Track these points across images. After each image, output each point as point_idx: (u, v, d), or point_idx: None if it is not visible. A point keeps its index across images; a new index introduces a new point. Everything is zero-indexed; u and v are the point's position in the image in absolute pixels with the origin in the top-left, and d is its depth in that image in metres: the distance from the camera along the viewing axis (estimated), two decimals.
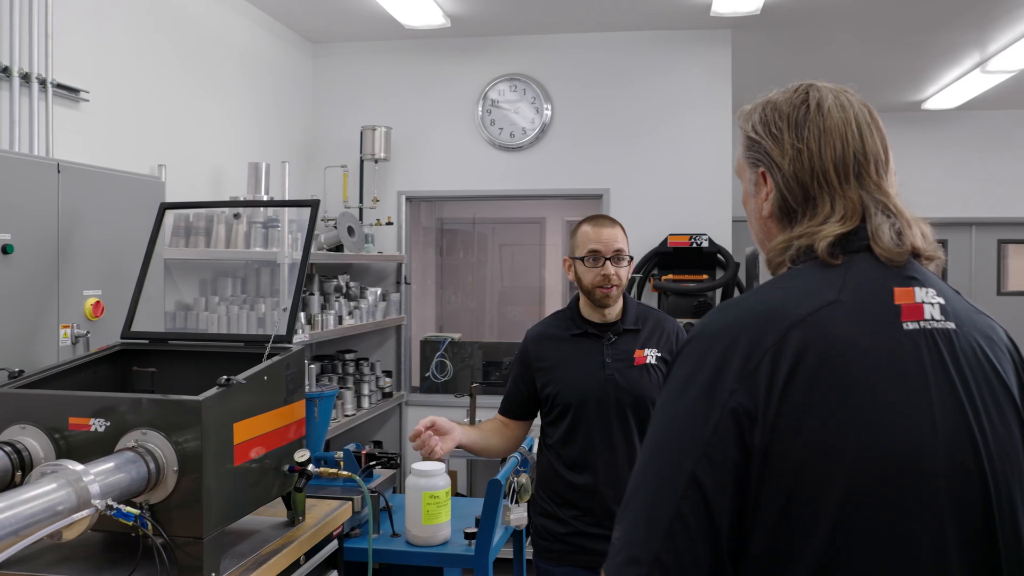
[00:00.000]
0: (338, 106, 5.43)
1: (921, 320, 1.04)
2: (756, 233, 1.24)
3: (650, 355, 2.48)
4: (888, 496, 0.96)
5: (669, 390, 1.06)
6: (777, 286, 1.09)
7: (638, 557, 0.97)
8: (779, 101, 1.18)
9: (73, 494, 1.60)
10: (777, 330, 1.00)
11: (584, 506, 2.44)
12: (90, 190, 2.76)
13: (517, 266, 8.35)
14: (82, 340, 2.71)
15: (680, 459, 0.98)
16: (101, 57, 3.45)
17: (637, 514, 1.00)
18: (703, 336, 1.06)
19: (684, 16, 4.93)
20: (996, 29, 5.20)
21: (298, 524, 2.34)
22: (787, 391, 0.97)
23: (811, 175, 1.13)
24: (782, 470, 0.96)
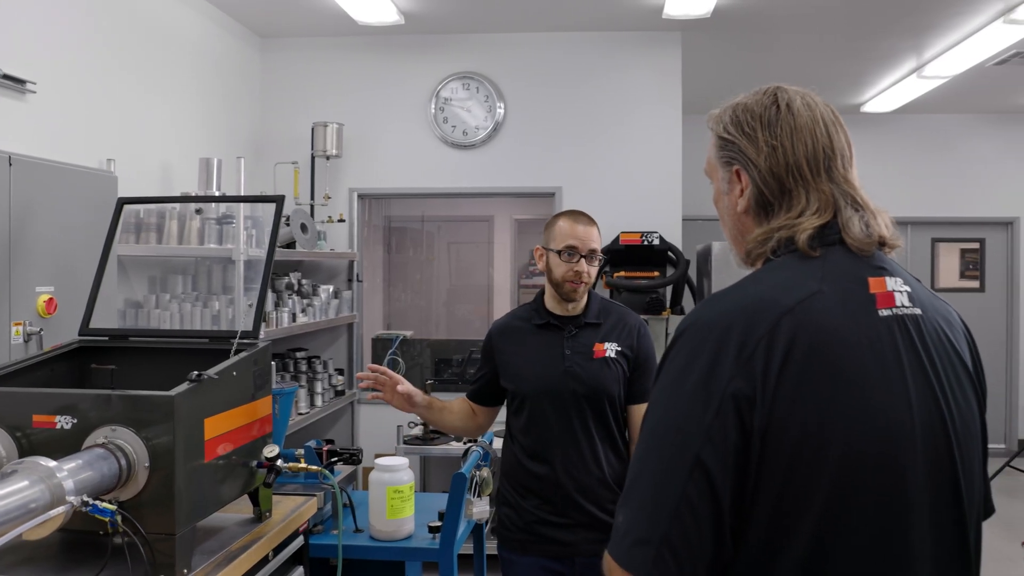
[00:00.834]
0: (288, 102, 5.37)
1: (893, 307, 1.12)
2: (729, 229, 1.29)
3: (610, 349, 2.52)
4: (874, 470, 1.03)
5: (666, 380, 1.10)
6: (761, 279, 1.15)
7: (646, 538, 1.01)
8: (749, 103, 1.24)
9: (47, 491, 1.57)
10: (768, 320, 1.05)
11: (545, 495, 2.49)
12: (42, 184, 2.70)
13: (466, 264, 8.36)
14: (35, 338, 2.65)
15: (685, 443, 1.02)
16: (48, 48, 3.36)
17: (643, 498, 1.04)
18: (696, 328, 1.10)
19: (636, 18, 5.01)
20: (932, 36, 5.41)
21: (265, 520, 2.32)
22: (782, 376, 1.02)
23: (786, 170, 1.18)
24: (780, 450, 1.01)
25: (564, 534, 2.47)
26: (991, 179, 7.92)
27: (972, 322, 5.46)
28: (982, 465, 1.20)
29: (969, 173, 7.91)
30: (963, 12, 4.92)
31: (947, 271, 8.16)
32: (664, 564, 1.00)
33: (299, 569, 2.51)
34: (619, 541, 1.04)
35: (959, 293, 8.05)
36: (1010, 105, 7.48)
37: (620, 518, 1.06)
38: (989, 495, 1.25)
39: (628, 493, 1.07)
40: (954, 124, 7.88)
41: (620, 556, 1.03)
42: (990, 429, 5.72)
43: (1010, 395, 7.99)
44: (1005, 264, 8.06)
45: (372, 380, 2.62)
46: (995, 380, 8.02)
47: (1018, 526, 5.70)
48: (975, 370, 1.21)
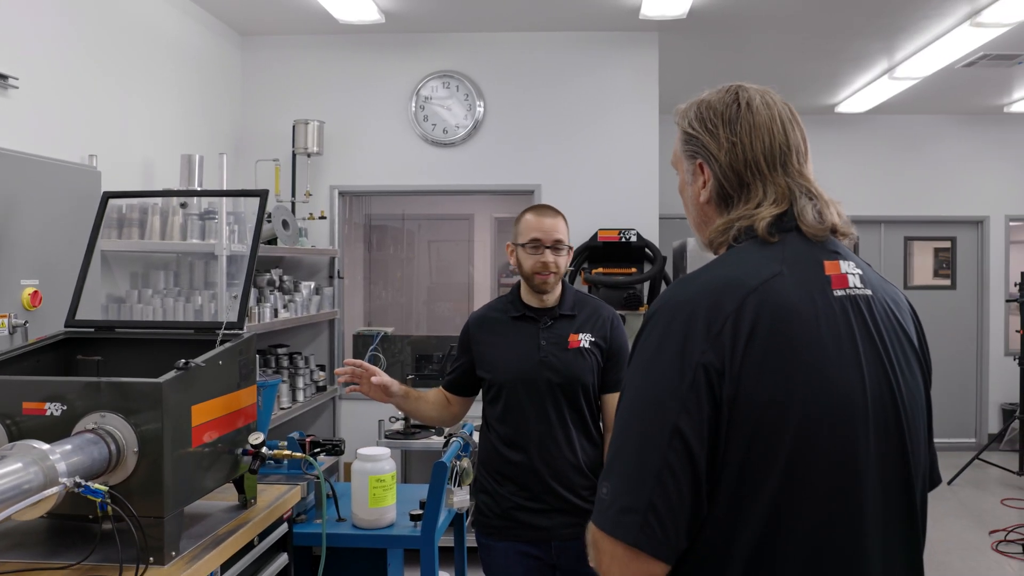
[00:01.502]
0: (269, 99, 5.41)
1: (847, 288, 1.21)
2: (693, 218, 1.38)
3: (584, 339, 2.60)
4: (829, 436, 1.13)
5: (640, 358, 1.17)
6: (726, 263, 1.23)
7: (632, 506, 1.08)
8: (712, 100, 1.33)
9: (40, 472, 1.62)
10: (735, 298, 1.14)
11: (521, 482, 2.58)
12: (26, 178, 2.73)
13: (446, 262, 8.42)
14: (20, 330, 2.68)
15: (663, 414, 1.10)
16: (29, 43, 3.38)
17: (626, 468, 1.11)
18: (667, 308, 1.18)
19: (614, 18, 5.09)
20: (903, 38, 5.53)
21: (250, 507, 2.37)
22: (748, 350, 1.11)
23: (744, 165, 1.27)
24: (746, 417, 1.10)
25: (540, 519, 2.55)
26: (962, 179, 8.09)
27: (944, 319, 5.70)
28: (927, 435, 1.29)
29: (941, 173, 8.07)
30: (931, 15, 5.04)
31: (921, 269, 8.32)
32: (650, 529, 1.07)
33: (283, 556, 2.56)
34: (604, 511, 1.11)
35: (932, 291, 8.21)
36: (979, 106, 7.64)
37: (604, 489, 1.12)
38: (935, 465, 1.33)
39: (610, 465, 1.13)
40: (926, 124, 8.03)
41: (606, 524, 1.10)
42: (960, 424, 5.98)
43: (980, 390, 8.15)
44: (976, 262, 8.23)
45: (349, 373, 2.69)
46: (965, 375, 8.19)
47: (986, 518, 5.84)
48: (920, 347, 1.30)
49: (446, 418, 2.86)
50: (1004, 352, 8.08)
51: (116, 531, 1.84)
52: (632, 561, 1.09)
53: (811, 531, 1.13)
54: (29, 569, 1.91)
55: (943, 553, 5.10)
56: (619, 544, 1.09)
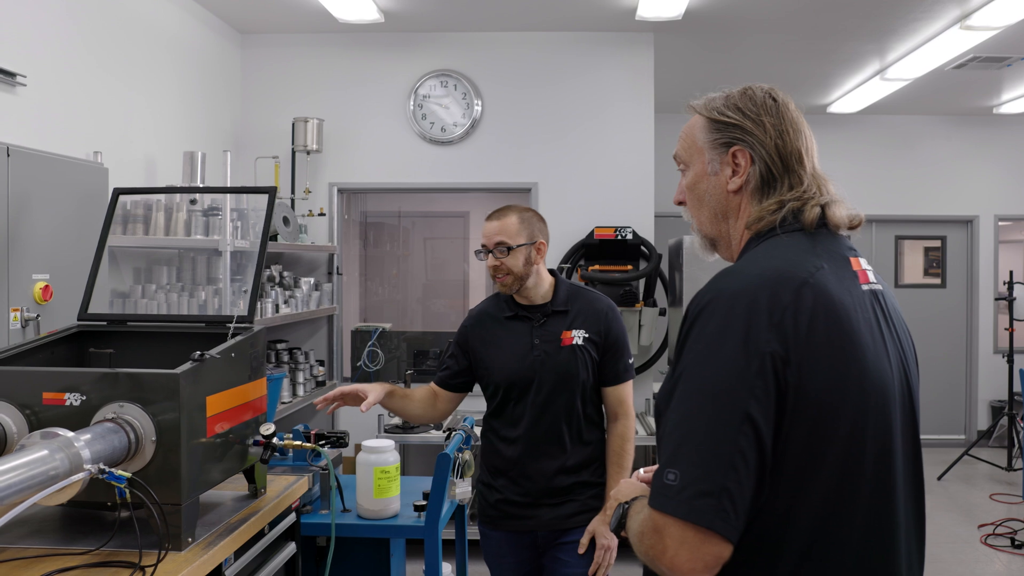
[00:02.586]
0: (268, 97, 5.45)
1: (869, 283, 1.30)
2: (711, 208, 1.40)
3: (577, 336, 2.60)
4: (874, 421, 1.22)
5: (699, 347, 1.19)
6: (772, 255, 1.27)
7: (707, 490, 1.12)
8: (742, 94, 1.38)
9: (65, 459, 1.67)
10: (790, 288, 1.19)
11: (511, 477, 2.65)
12: (37, 174, 2.78)
13: (441, 260, 8.47)
14: (32, 323, 2.72)
15: (733, 400, 1.14)
16: (35, 41, 3.42)
17: (698, 453, 1.14)
18: (723, 298, 1.21)
19: (610, 19, 5.15)
20: (894, 40, 5.61)
21: (260, 496, 2.43)
22: (808, 339, 1.16)
23: (788, 153, 1.34)
24: (807, 406, 1.16)
25: (527, 512, 2.64)
26: (952, 179, 8.19)
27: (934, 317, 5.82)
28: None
29: (931, 173, 8.17)
30: (922, 18, 5.12)
31: (911, 268, 8.41)
32: (724, 512, 1.11)
33: (291, 544, 2.62)
34: (675, 496, 1.13)
35: (922, 289, 8.31)
36: (969, 107, 7.74)
37: (671, 476, 1.15)
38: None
39: (677, 452, 1.16)
40: (916, 125, 8.13)
41: (679, 509, 1.12)
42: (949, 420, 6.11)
43: (969, 387, 8.26)
44: (965, 261, 8.33)
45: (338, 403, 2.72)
46: (955, 373, 8.29)
47: (976, 512, 5.93)
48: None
49: (432, 416, 2.87)
50: (993, 350, 8.19)
51: (135, 518, 1.90)
52: (703, 544, 1.11)
53: (862, 517, 1.19)
54: (49, 555, 1.96)
55: (934, 546, 5.19)
56: (690, 528, 1.12)
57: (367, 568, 3.30)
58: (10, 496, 1.53)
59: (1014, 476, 6.80)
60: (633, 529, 1.27)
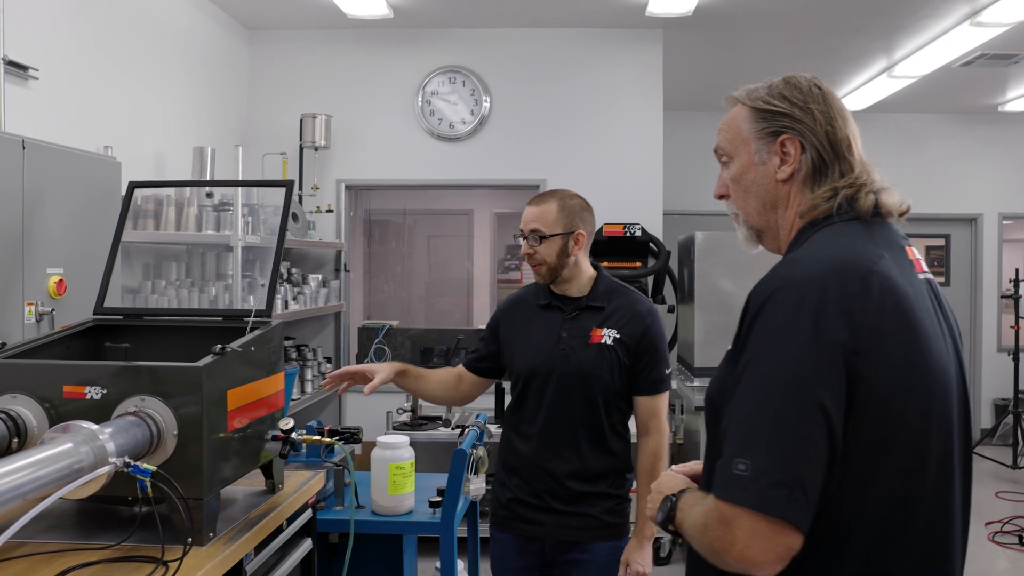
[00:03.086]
0: (275, 93, 5.44)
1: (923, 272, 1.30)
2: (759, 199, 1.38)
3: (607, 335, 2.44)
4: (939, 410, 1.21)
5: (767, 336, 1.18)
6: (832, 243, 1.25)
7: (781, 480, 1.10)
8: (786, 83, 1.38)
9: (91, 452, 1.65)
10: (857, 277, 1.17)
11: (524, 475, 2.49)
12: (52, 168, 2.76)
13: (445, 257, 8.46)
14: (47, 317, 2.71)
15: (805, 389, 1.12)
16: (48, 35, 3.41)
17: (770, 443, 1.12)
18: (789, 287, 1.19)
19: (620, 14, 5.14)
20: (902, 37, 5.60)
21: (278, 492, 2.41)
22: (877, 329, 1.16)
23: (839, 141, 1.33)
24: (877, 396, 1.15)
25: (537, 515, 2.47)
26: (956, 177, 8.18)
27: None
28: None
29: (935, 171, 8.16)
30: (931, 15, 5.12)
31: None
32: (797, 502, 1.09)
33: (307, 541, 2.60)
34: (746, 486, 1.11)
35: None
36: (974, 105, 7.73)
37: (741, 466, 1.13)
38: None
39: (747, 442, 1.14)
40: (921, 123, 8.12)
41: (750, 500, 1.10)
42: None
43: (974, 385, 8.26)
44: (969, 259, 8.33)
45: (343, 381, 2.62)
46: None
47: (982, 510, 5.92)
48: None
49: (454, 397, 2.76)
50: (997, 348, 8.19)
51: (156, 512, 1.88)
52: (776, 535, 1.10)
53: (926, 511, 1.19)
54: (68, 550, 1.94)
55: None
56: (763, 519, 1.10)
57: (379, 565, 3.29)
58: (37, 490, 1.52)
59: (1019, 474, 6.81)
60: (690, 521, 1.24)
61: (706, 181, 7.74)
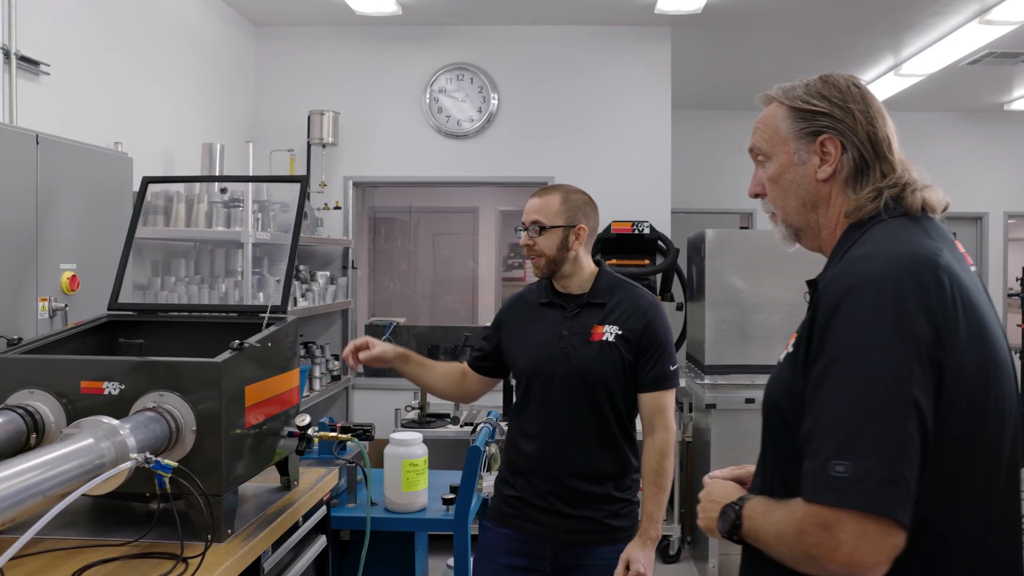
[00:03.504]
0: (282, 90, 5.42)
1: (972, 265, 1.30)
2: (799, 198, 1.37)
3: (609, 332, 2.37)
4: (1007, 400, 1.22)
5: (850, 334, 1.16)
6: (895, 239, 1.25)
7: (886, 479, 1.09)
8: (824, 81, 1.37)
9: (112, 448, 1.64)
10: (929, 272, 1.17)
11: (528, 475, 2.41)
12: (65, 163, 2.75)
13: (450, 255, 8.45)
14: (60, 313, 2.70)
15: (899, 386, 1.12)
16: (57, 31, 3.39)
17: (870, 443, 1.11)
18: (865, 283, 1.17)
19: (628, 12, 5.13)
20: (910, 35, 5.59)
21: (293, 488, 2.41)
22: (955, 321, 1.16)
23: (879, 139, 1.33)
24: (961, 388, 1.15)
25: (540, 516, 2.38)
26: (961, 175, 8.15)
27: None
28: None
29: (940, 169, 8.00)
30: (941, 12, 5.10)
31: None
32: (902, 500, 1.09)
33: (322, 538, 2.59)
34: (850, 488, 1.09)
35: None
36: (980, 104, 7.72)
37: (840, 468, 1.11)
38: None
39: (845, 443, 1.12)
40: (927, 121, 8.10)
41: (858, 502, 1.09)
42: None
43: None
44: (974, 258, 8.28)
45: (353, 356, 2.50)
46: None
47: None
48: None
49: (457, 394, 2.68)
50: None
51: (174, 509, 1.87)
52: (886, 535, 1.09)
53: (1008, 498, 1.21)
54: (86, 547, 1.94)
55: None
56: (871, 520, 1.09)
57: (390, 562, 3.28)
58: (59, 486, 1.51)
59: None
60: (772, 530, 1.22)
61: (714, 180, 7.74)
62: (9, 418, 1.86)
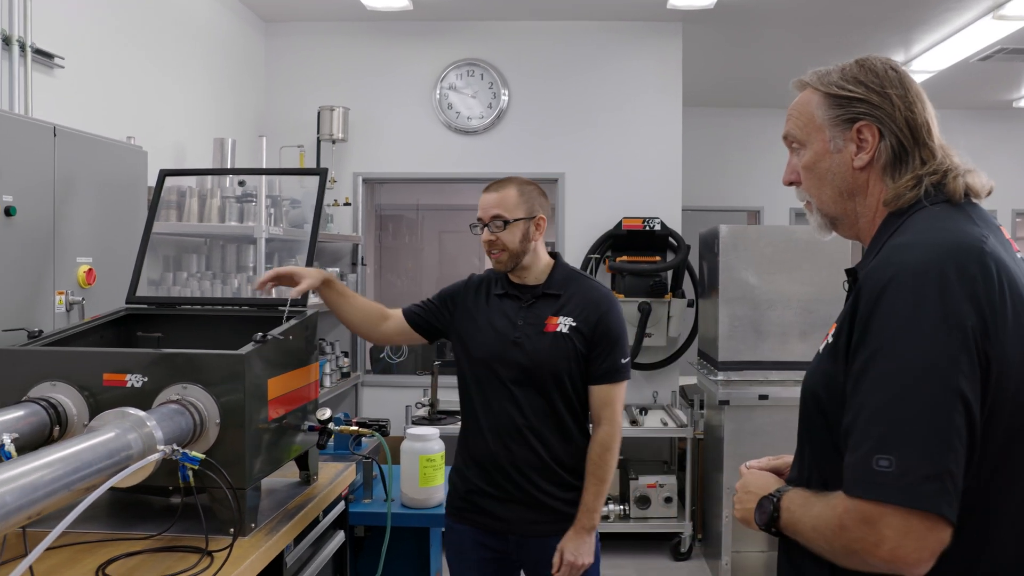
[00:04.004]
0: (292, 86, 5.40)
1: (1020, 252, 1.26)
2: (835, 187, 1.34)
3: (563, 323, 2.36)
4: None
5: (893, 324, 1.13)
6: (937, 226, 1.21)
7: (932, 474, 1.06)
8: (860, 66, 1.32)
9: (139, 439, 1.63)
10: (974, 259, 1.14)
11: (484, 465, 2.39)
12: (81, 156, 2.73)
13: (455, 253, 8.43)
14: (76, 307, 2.68)
15: (944, 378, 1.08)
16: (73, 24, 3.38)
17: (915, 436, 1.08)
18: (907, 272, 1.14)
19: (640, 7, 5.11)
20: (921, 31, 5.57)
21: (313, 483, 2.39)
22: (1003, 310, 1.12)
23: (918, 126, 1.29)
24: (1010, 378, 1.12)
25: (498, 508, 2.37)
26: None
27: None
28: None
29: None
30: (954, 8, 5.08)
31: None
32: (947, 496, 1.06)
33: (340, 533, 2.58)
34: (894, 483, 1.07)
35: None
36: (988, 101, 7.69)
37: (884, 462, 1.08)
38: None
39: (889, 436, 1.09)
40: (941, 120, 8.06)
41: (902, 497, 1.06)
42: None
43: None
44: None
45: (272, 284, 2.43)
46: None
47: None
48: None
49: (371, 333, 2.58)
50: None
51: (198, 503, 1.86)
52: (931, 532, 1.06)
53: None
54: (110, 540, 1.92)
55: None
56: (916, 515, 1.06)
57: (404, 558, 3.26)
58: (89, 477, 1.49)
59: None
60: (811, 523, 1.19)
61: (721, 178, 7.72)
62: (32, 410, 1.85)
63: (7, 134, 2.40)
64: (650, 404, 5.29)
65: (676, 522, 4.77)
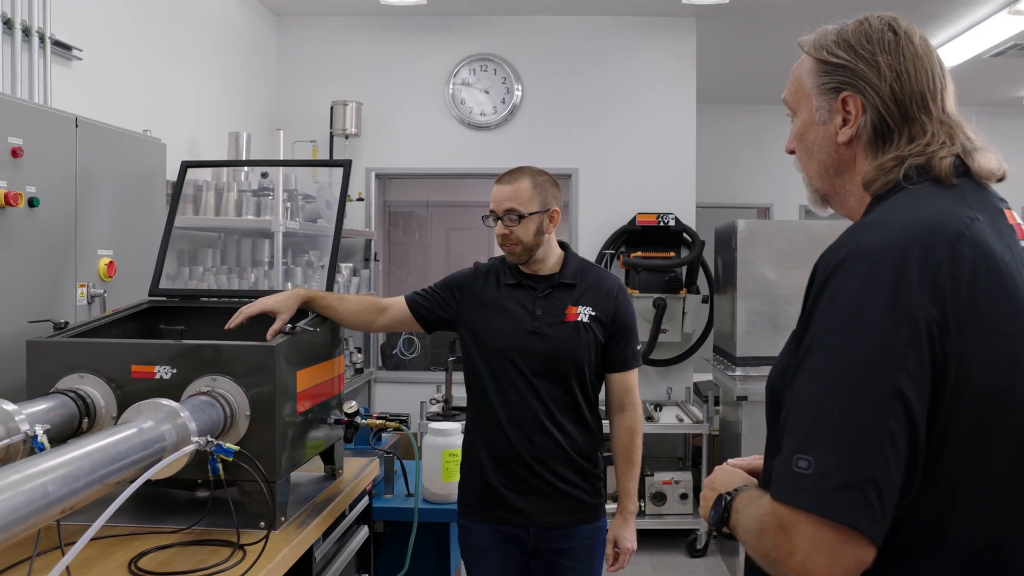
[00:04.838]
0: (304, 81, 5.38)
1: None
2: (820, 162, 1.22)
3: (583, 313, 2.33)
4: None
5: (836, 311, 1.01)
6: (916, 204, 1.07)
7: (849, 481, 0.94)
8: (856, 29, 1.19)
9: (173, 431, 1.61)
10: (945, 242, 1.00)
11: (501, 460, 2.32)
12: (103, 147, 2.71)
13: (465, 249, 8.41)
14: (98, 299, 2.66)
15: (880, 374, 0.96)
16: (92, 16, 3.36)
17: (837, 437, 0.96)
18: (862, 254, 1.01)
19: (652, 3, 5.09)
20: (935, 26, 5.53)
21: (338, 477, 2.37)
22: (972, 301, 0.98)
23: (909, 98, 1.13)
24: (972, 379, 0.98)
25: (519, 501, 2.31)
26: None
27: None
28: None
29: None
30: (969, 3, 5.05)
31: None
32: (870, 507, 0.93)
33: (364, 528, 2.56)
34: (807, 487, 0.95)
35: None
36: (997, 98, 7.65)
37: (802, 463, 0.96)
38: None
39: (811, 435, 0.97)
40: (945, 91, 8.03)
41: (813, 503, 0.94)
42: None
43: None
44: None
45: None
46: None
47: None
48: None
49: (363, 322, 2.47)
50: None
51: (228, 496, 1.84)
52: (844, 546, 0.93)
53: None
54: (139, 533, 1.91)
55: None
56: (828, 526, 0.93)
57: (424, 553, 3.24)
58: (125, 468, 1.47)
59: None
60: (745, 525, 1.08)
61: (731, 175, 7.69)
62: (61, 402, 1.83)
63: (31, 124, 2.37)
64: (664, 400, 5.27)
65: (692, 519, 4.75)
